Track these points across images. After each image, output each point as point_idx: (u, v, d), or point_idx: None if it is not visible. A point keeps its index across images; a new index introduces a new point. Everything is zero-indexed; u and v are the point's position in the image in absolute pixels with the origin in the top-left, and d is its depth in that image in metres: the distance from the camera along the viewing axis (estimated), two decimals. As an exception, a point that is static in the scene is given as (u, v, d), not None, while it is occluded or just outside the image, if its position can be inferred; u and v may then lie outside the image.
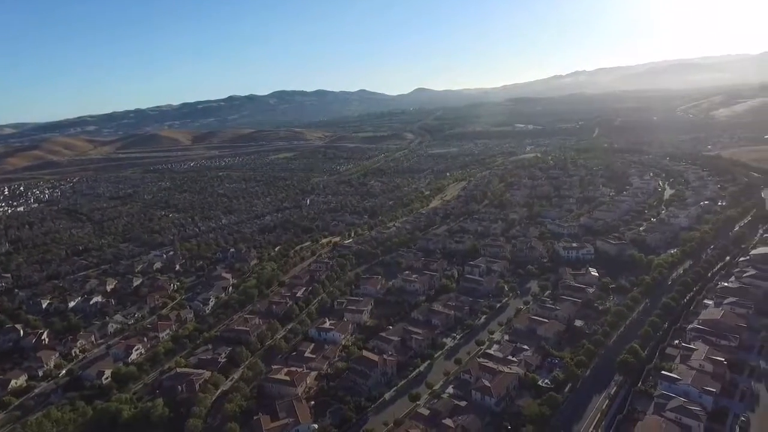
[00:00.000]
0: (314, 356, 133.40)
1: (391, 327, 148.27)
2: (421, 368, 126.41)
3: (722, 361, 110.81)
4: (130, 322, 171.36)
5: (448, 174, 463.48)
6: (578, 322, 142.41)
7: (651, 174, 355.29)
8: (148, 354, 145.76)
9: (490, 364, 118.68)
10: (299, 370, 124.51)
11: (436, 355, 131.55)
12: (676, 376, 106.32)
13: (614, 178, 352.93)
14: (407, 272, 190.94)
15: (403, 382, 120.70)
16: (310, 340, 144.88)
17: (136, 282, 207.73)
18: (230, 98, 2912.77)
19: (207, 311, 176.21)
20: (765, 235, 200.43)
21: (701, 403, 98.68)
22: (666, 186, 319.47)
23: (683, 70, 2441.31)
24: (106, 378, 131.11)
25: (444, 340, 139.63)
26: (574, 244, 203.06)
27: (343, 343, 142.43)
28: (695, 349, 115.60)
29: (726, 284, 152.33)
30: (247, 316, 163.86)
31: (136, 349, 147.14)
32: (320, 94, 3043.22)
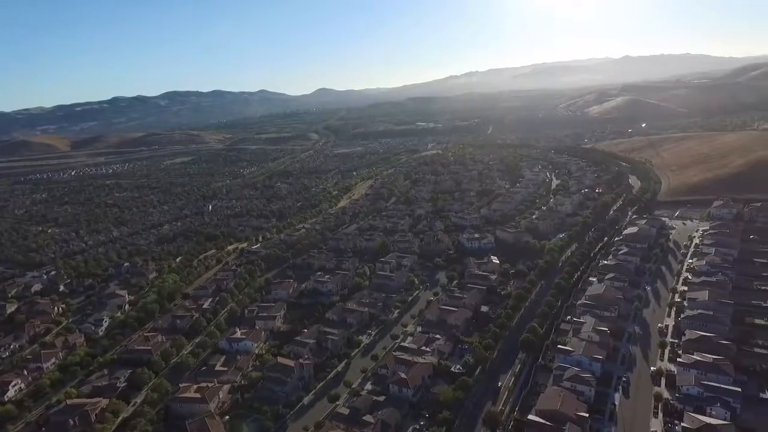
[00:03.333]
0: (226, 369, 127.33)
1: (306, 330, 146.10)
2: (339, 368, 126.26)
3: (606, 330, 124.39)
4: (4, 355, 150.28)
5: (354, 173, 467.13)
6: (484, 308, 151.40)
7: (539, 166, 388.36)
8: (30, 389, 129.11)
9: (406, 357, 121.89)
10: (210, 385, 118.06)
11: (352, 354, 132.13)
12: (569, 348, 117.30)
13: (508, 172, 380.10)
14: (319, 273, 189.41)
15: (321, 384, 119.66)
16: (221, 353, 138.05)
17: (11, 308, 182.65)
18: (115, 99, 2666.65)
19: (100, 333, 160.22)
20: (633, 216, 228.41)
21: (591, 370, 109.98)
22: (553, 177, 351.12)
23: (560, 72, 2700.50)
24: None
25: (360, 337, 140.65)
26: (477, 235, 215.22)
27: (256, 351, 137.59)
28: (584, 323, 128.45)
29: (605, 262, 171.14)
30: (148, 334, 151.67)
31: (14, 385, 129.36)
32: (217, 94, 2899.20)
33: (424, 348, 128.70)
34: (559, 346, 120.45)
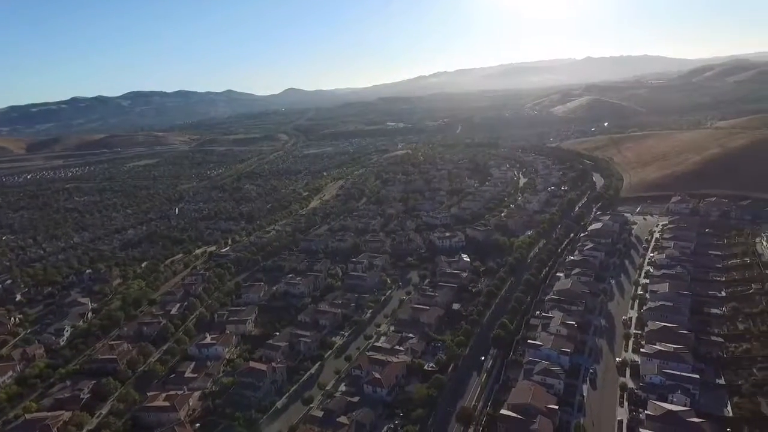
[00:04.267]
0: (196, 375, 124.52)
1: (278, 333, 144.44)
2: (312, 370, 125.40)
3: (574, 324, 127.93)
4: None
5: (325, 174, 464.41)
6: (456, 306, 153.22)
7: (507, 165, 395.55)
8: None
9: (379, 356, 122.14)
10: (179, 392, 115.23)
11: (326, 356, 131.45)
12: (539, 342, 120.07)
13: (477, 171, 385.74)
14: (291, 275, 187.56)
15: (294, 387, 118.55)
16: (191, 359, 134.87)
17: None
18: (74, 100, 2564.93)
19: (62, 343, 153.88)
20: (598, 212, 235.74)
21: (560, 363, 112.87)
22: (520, 175, 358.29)
23: (526, 72, 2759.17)
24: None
25: (333, 339, 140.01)
26: (447, 234, 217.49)
27: (227, 356, 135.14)
28: (552, 317, 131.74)
29: (572, 257, 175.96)
30: (113, 342, 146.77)
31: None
32: (183, 94, 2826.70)
33: (397, 347, 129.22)
34: (529, 340, 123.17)
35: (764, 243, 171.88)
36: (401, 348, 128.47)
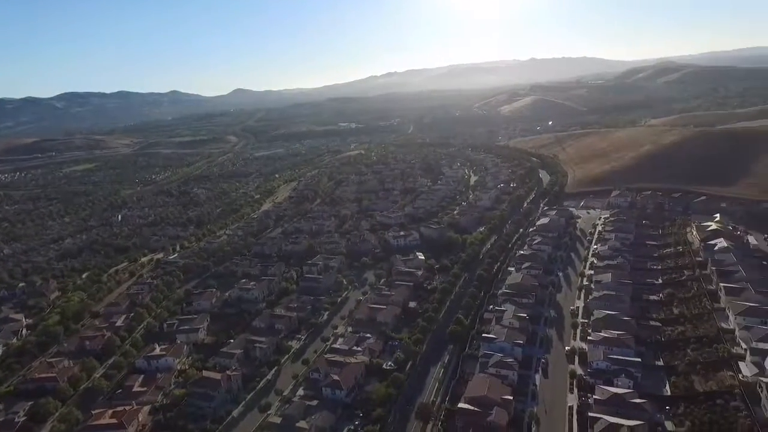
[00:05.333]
0: (145, 389, 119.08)
1: (232, 340, 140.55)
2: (269, 376, 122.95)
3: (525, 316, 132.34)
4: None
5: (277, 176, 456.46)
6: (412, 304, 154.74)
7: (458, 164, 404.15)
8: None
9: (337, 358, 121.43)
10: (128, 408, 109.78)
11: (282, 361, 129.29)
12: (493, 336, 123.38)
13: (429, 170, 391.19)
14: (244, 280, 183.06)
15: (251, 395, 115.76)
16: (139, 372, 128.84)
17: None
18: (0, 101, 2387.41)
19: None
20: (545, 208, 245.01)
21: (513, 355, 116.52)
22: (471, 173, 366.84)
23: (473, 73, 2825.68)
24: None
25: (290, 343, 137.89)
26: (402, 233, 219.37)
27: (178, 367, 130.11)
28: (505, 310, 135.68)
29: (522, 252, 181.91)
30: (52, 359, 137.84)
31: None
32: (123, 95, 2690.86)
33: (355, 348, 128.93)
34: (483, 334, 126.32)
35: (694, 232, 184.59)
36: (359, 348, 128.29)
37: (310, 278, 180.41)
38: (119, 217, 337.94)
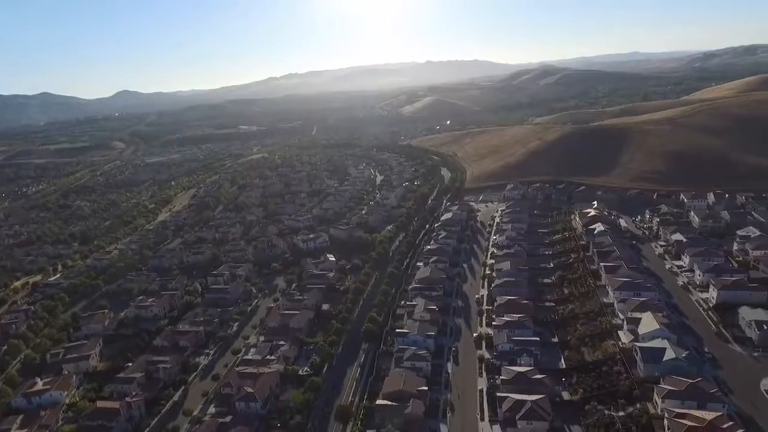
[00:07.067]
0: (26, 430, 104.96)
1: (130, 364, 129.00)
2: (176, 398, 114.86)
3: (435, 308, 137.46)
4: None
5: (173, 183, 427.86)
6: (325, 306, 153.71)
7: (364, 164, 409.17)
8: None
9: (250, 369, 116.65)
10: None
11: (190, 379, 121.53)
12: (406, 330, 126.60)
13: (336, 171, 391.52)
14: (141, 298, 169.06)
15: (156, 419, 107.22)
16: (17, 413, 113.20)
17: None
18: None
19: None
20: (448, 203, 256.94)
21: (426, 347, 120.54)
22: (376, 173, 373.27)
23: (374, 74, 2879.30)
24: None
25: (197, 359, 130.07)
26: (311, 235, 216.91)
27: (67, 401, 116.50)
28: (416, 305, 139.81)
29: (429, 247, 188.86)
30: None
31: None
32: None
33: (269, 357, 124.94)
34: (397, 330, 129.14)
35: (577, 219, 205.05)
36: (273, 357, 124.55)
37: (215, 289, 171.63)
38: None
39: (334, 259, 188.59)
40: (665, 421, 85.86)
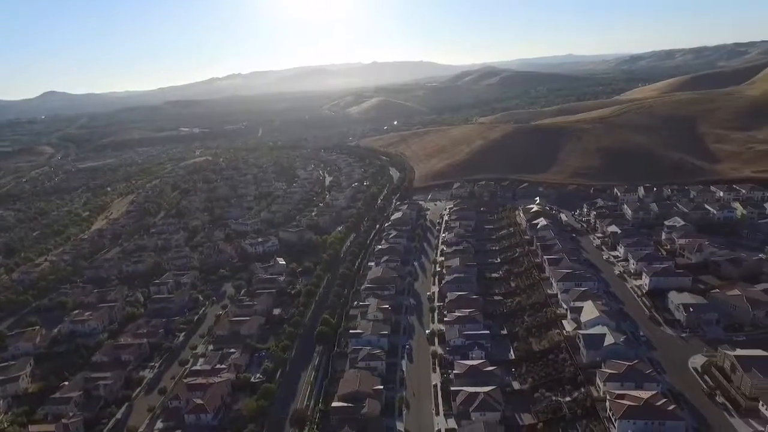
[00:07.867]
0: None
1: (66, 382, 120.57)
2: (119, 415, 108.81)
3: (388, 307, 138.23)
4: None
5: (109, 189, 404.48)
6: (276, 311, 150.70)
7: (313, 165, 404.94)
8: None
9: (199, 380, 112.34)
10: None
11: (134, 395, 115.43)
12: (360, 331, 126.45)
13: (283, 173, 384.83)
14: (77, 311, 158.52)
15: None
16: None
17: None
18: None
19: None
20: (397, 203, 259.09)
21: (380, 346, 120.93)
22: (325, 174, 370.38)
23: (320, 75, 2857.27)
24: None
25: (141, 373, 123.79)
26: (260, 239, 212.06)
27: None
28: (369, 305, 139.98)
29: (380, 247, 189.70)
30: None
31: None
32: None
33: (219, 366, 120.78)
34: (350, 330, 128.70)
35: (521, 214, 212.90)
36: (223, 366, 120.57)
37: (159, 299, 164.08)
38: None
39: (284, 262, 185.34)
40: (607, 403, 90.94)
